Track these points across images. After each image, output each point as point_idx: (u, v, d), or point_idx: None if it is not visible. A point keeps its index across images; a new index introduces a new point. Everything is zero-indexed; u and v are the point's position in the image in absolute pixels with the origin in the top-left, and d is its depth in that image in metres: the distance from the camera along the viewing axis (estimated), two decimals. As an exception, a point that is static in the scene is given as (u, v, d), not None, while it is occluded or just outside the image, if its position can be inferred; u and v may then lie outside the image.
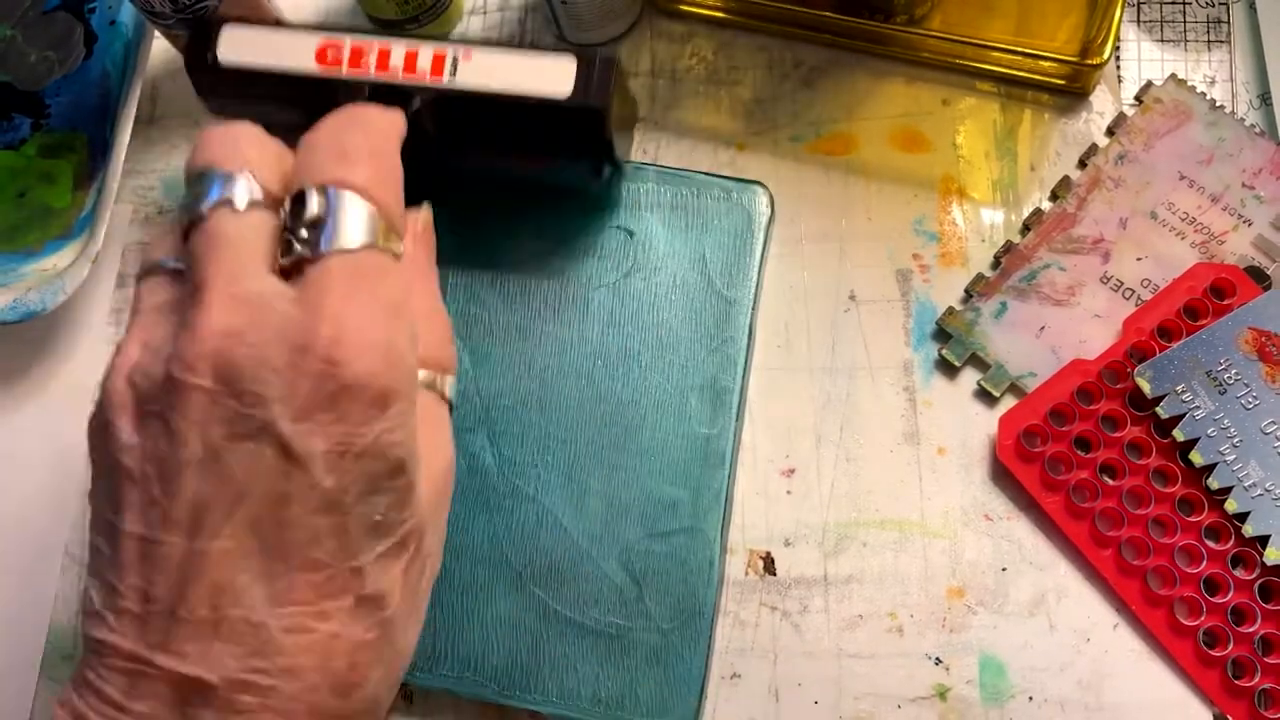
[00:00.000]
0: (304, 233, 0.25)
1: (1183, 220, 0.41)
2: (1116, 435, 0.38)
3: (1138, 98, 0.43)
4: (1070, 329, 0.40)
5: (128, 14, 0.47)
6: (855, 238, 0.43)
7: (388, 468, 0.24)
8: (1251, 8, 0.44)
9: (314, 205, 0.25)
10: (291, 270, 0.25)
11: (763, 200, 0.42)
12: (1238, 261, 0.40)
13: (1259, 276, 0.40)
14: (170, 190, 0.47)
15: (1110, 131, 0.43)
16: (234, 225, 0.25)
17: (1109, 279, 0.41)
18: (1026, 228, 0.42)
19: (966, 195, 0.43)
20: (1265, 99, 0.43)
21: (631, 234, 0.41)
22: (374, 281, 0.25)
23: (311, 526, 0.23)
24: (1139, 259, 0.41)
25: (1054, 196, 0.42)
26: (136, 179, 0.47)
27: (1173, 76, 0.43)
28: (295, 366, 0.23)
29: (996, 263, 0.42)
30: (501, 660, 0.38)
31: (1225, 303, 0.39)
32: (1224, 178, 0.41)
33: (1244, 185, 0.41)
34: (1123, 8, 0.41)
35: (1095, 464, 0.38)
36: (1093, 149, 0.43)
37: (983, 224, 0.43)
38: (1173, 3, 0.45)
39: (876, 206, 0.43)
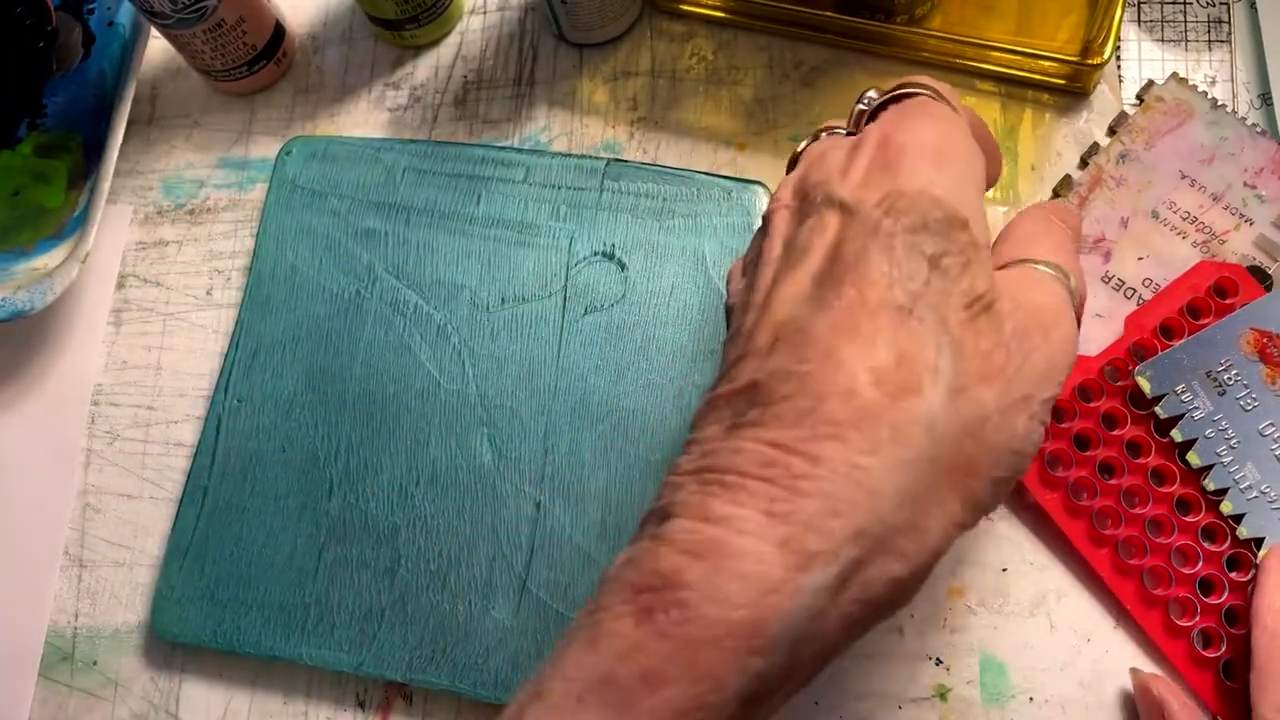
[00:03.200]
0: None
1: (1184, 220, 0.41)
2: (1116, 434, 0.38)
3: (1139, 97, 0.43)
4: (1070, 329, 0.40)
5: (126, 15, 0.47)
6: (855, 237, 0.43)
7: (942, 215, 0.26)
8: (1252, 7, 0.44)
9: None
10: None
11: (763, 200, 0.42)
12: (1239, 261, 0.40)
13: (1261, 276, 0.40)
14: (170, 190, 0.47)
15: (1111, 131, 0.43)
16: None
17: (1110, 278, 0.41)
18: (1027, 227, 0.42)
19: (967, 195, 0.43)
20: (1266, 99, 0.43)
21: (624, 266, 0.41)
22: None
23: (858, 250, 0.26)
24: (1140, 258, 0.41)
25: (1055, 196, 0.42)
26: (136, 179, 0.47)
27: (1174, 75, 0.43)
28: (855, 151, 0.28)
29: (997, 262, 0.42)
30: (502, 661, 0.38)
31: (1228, 302, 0.39)
32: (1225, 177, 0.41)
33: (1245, 184, 0.41)
34: (1123, 7, 0.41)
35: (1094, 462, 0.38)
36: (1094, 148, 0.42)
37: (983, 224, 0.43)
38: (1173, 2, 0.45)
39: (876, 206, 0.43)
